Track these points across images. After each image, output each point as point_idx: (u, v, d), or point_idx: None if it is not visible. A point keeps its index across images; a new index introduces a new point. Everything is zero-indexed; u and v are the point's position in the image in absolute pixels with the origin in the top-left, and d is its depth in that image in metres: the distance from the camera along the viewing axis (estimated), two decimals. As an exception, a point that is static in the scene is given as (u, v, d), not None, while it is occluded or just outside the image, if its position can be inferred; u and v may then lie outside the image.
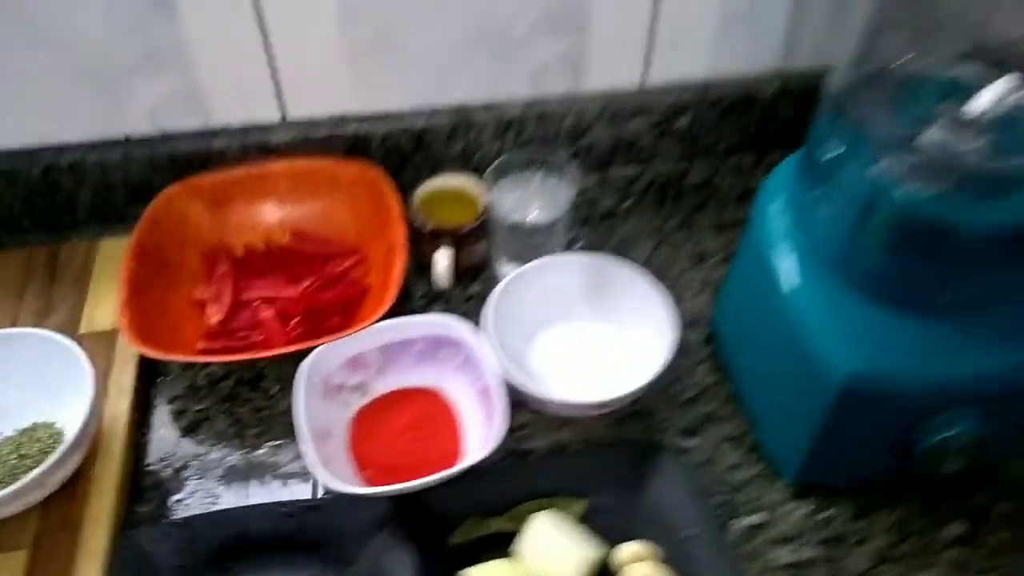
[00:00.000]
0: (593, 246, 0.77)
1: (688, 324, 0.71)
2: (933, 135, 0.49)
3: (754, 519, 0.60)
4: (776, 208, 0.60)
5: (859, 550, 0.59)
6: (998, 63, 0.50)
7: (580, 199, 0.83)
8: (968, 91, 0.49)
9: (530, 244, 0.70)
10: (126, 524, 0.59)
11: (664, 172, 0.85)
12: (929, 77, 0.52)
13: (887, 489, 0.62)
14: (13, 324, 0.68)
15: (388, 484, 0.56)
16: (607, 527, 0.58)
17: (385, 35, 0.72)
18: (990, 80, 0.50)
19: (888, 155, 0.49)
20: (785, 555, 0.59)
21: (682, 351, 0.70)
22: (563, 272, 0.68)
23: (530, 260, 0.68)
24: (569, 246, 0.76)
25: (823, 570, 0.58)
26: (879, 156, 0.49)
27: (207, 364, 0.68)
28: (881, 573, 0.58)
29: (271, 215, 0.76)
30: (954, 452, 0.55)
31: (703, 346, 0.71)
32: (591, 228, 0.80)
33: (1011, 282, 0.53)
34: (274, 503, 0.58)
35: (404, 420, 0.64)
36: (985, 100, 0.49)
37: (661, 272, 0.76)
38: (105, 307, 0.69)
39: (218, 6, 0.68)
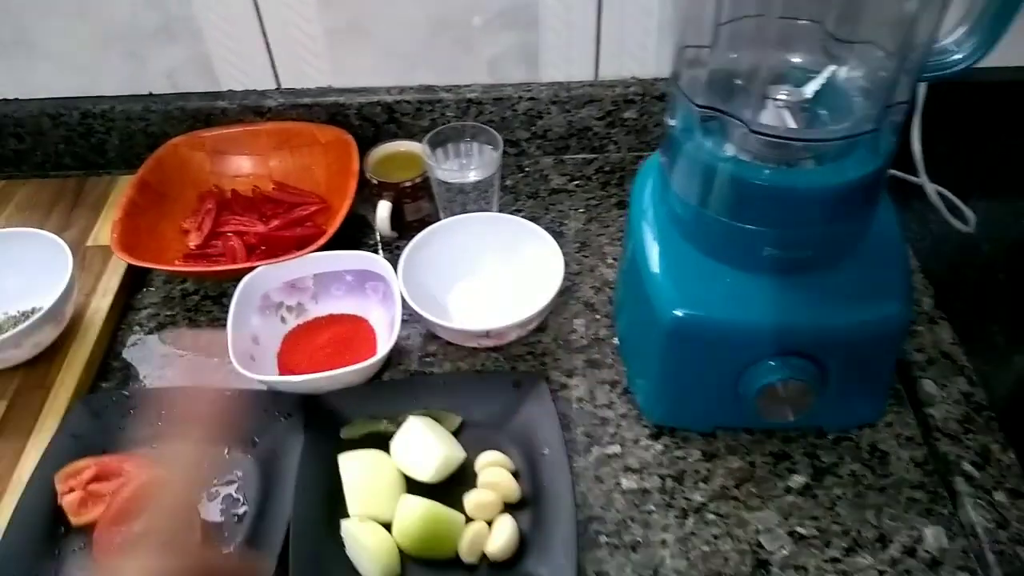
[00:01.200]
0: (533, 215, 0.86)
1: (598, 287, 0.80)
2: (763, 114, 0.57)
3: (611, 450, 0.68)
4: (648, 185, 0.68)
5: (700, 486, 0.65)
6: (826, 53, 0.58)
7: (533, 177, 0.93)
8: (792, 78, 0.57)
9: (465, 203, 0.81)
10: (90, 394, 0.72)
11: (615, 160, 0.94)
12: (761, 65, 0.59)
13: (743, 438, 0.68)
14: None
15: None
16: (478, 439, 0.67)
17: (357, 22, 0.85)
18: (814, 70, 0.58)
19: (724, 131, 0.57)
20: (630, 482, 0.66)
21: (587, 309, 0.79)
22: (481, 227, 0.78)
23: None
24: (514, 214, 0.86)
25: (660, 498, 0.65)
26: (715, 133, 0.57)
27: (184, 281, 0.82)
28: (713, 508, 0.64)
29: (260, 167, 0.89)
30: (777, 400, 0.62)
31: (606, 306, 0.79)
32: (537, 201, 0.90)
33: (828, 248, 0.60)
34: (200, 387, 0.70)
35: (327, 338, 0.75)
36: (810, 86, 0.57)
37: (587, 243, 0.85)
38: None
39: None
